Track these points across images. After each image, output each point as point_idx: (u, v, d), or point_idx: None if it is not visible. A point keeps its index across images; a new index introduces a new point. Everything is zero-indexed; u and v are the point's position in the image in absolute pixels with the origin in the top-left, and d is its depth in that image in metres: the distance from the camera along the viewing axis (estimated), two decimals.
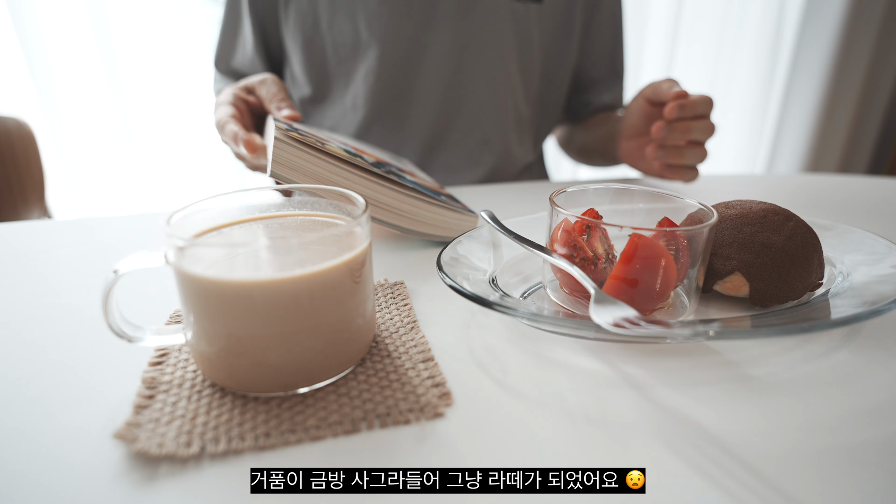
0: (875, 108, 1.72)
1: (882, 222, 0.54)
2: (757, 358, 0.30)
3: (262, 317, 0.24)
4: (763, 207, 0.36)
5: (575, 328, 0.30)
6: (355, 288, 0.27)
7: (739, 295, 0.35)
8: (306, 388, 0.26)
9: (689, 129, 0.57)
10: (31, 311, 0.36)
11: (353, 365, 0.28)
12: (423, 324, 0.34)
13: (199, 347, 0.26)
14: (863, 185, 0.69)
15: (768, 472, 0.22)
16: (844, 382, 0.28)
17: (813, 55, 1.65)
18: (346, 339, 0.27)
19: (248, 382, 0.26)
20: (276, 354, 0.25)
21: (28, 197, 0.93)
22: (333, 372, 0.27)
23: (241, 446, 0.23)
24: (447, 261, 0.34)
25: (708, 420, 0.25)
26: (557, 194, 0.36)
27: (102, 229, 0.52)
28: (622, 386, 0.27)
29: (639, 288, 0.30)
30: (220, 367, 0.26)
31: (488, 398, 0.27)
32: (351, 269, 0.26)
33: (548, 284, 0.36)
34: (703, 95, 0.56)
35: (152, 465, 0.22)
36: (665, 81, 0.60)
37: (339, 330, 0.26)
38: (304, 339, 0.25)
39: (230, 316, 0.24)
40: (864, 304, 0.31)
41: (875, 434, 0.24)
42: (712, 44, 1.65)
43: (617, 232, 0.31)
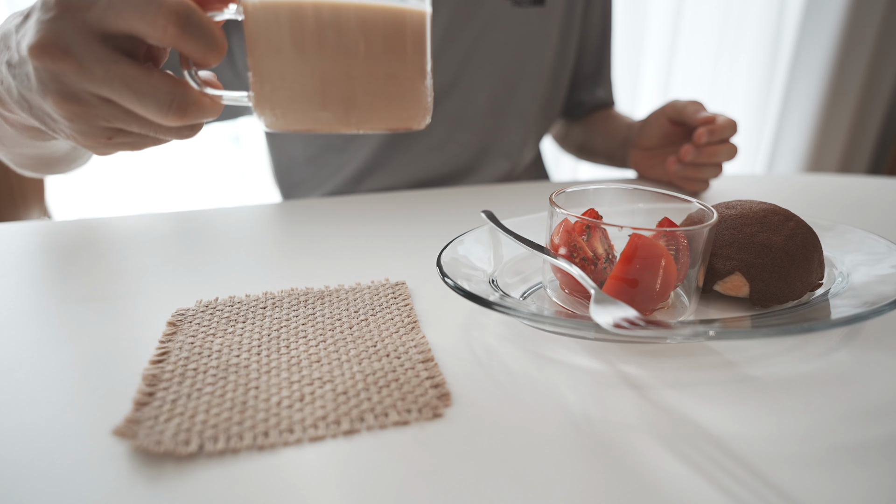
0: (875, 108, 1.72)
1: (882, 222, 0.54)
2: (757, 358, 0.30)
3: (340, 46, 0.27)
4: (763, 207, 0.36)
5: (575, 328, 0.30)
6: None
7: (739, 295, 0.35)
8: (366, 130, 0.29)
9: (717, 153, 0.59)
10: (31, 310, 0.36)
11: (402, 123, 0.31)
12: (424, 324, 0.34)
13: (279, 90, 0.28)
14: (863, 185, 0.69)
15: (768, 472, 0.22)
16: (844, 382, 0.28)
17: (813, 55, 1.65)
18: (407, 89, 0.30)
19: (317, 114, 0.28)
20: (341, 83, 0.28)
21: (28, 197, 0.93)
22: (394, 117, 0.30)
23: (240, 445, 0.23)
24: (447, 261, 0.34)
25: (708, 420, 0.25)
26: (557, 194, 0.36)
27: (102, 229, 0.52)
28: (622, 386, 0.27)
29: (639, 288, 0.30)
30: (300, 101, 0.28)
31: (488, 398, 0.27)
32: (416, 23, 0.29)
33: (548, 284, 0.36)
34: (728, 119, 0.59)
35: (151, 462, 0.22)
36: (691, 104, 0.62)
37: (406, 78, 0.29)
38: (376, 76, 0.28)
39: (320, 45, 0.27)
40: (864, 304, 0.30)
41: (875, 434, 0.24)
42: (712, 44, 1.65)
43: (617, 232, 0.31)
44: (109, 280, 0.40)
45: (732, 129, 0.59)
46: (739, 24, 1.64)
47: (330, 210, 0.58)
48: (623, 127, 0.77)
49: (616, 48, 0.87)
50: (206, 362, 0.29)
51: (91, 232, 0.51)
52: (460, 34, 0.67)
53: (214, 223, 0.54)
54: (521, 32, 0.70)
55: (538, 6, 0.69)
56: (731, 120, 0.59)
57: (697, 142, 0.59)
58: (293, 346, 0.31)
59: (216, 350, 0.30)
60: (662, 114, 0.65)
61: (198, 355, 0.30)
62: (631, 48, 1.60)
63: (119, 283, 0.40)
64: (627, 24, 1.56)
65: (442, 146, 0.72)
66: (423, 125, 0.32)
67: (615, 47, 0.85)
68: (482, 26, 0.67)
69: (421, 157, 0.72)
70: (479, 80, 0.70)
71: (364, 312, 0.35)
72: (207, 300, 0.36)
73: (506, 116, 0.74)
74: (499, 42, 0.69)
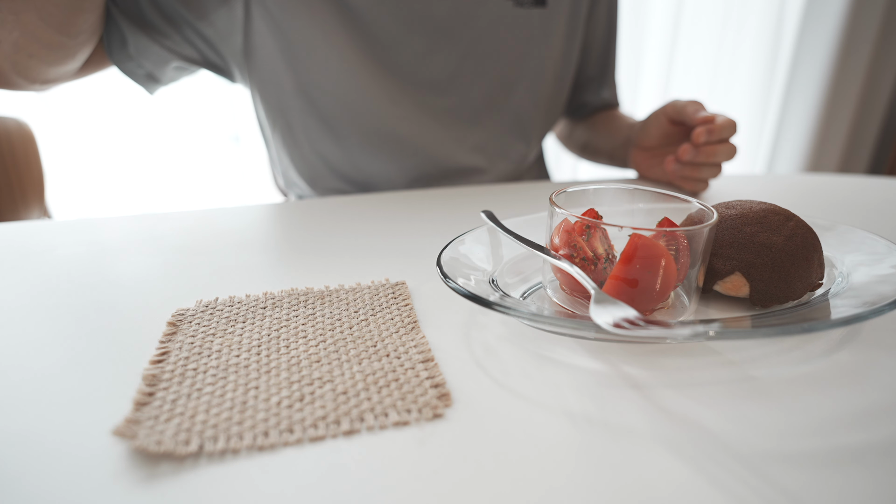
0: (875, 108, 1.72)
1: (882, 222, 0.54)
2: (757, 358, 0.30)
3: None
4: (763, 207, 0.36)
5: (575, 328, 0.30)
6: None
7: (739, 295, 0.35)
8: None
9: (715, 153, 0.59)
10: (31, 311, 0.36)
11: None
12: (424, 324, 0.34)
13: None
14: (863, 185, 0.69)
15: (768, 472, 0.22)
16: (844, 382, 0.28)
17: (813, 55, 1.65)
18: None
19: None
20: None
21: (28, 197, 0.93)
22: None
23: (240, 445, 0.23)
24: (447, 261, 0.34)
25: (708, 420, 0.25)
26: (557, 194, 0.36)
27: (102, 229, 0.52)
28: (622, 386, 0.27)
29: (639, 288, 0.30)
30: None
31: (488, 399, 0.27)
32: None
33: (548, 284, 0.36)
34: (728, 119, 0.59)
35: (151, 462, 0.22)
36: (690, 104, 0.62)
37: None
38: None
39: None
40: (864, 304, 0.30)
41: (875, 434, 0.24)
42: (712, 44, 1.65)
43: (617, 232, 0.31)
44: (109, 280, 0.40)
45: (732, 129, 0.59)
46: (739, 25, 1.64)
47: (330, 210, 0.58)
48: (625, 127, 0.77)
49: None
50: (206, 362, 0.29)
51: (91, 232, 0.51)
52: (460, 32, 0.67)
53: (214, 223, 0.54)
54: (522, 33, 0.70)
55: (540, 7, 0.69)
56: (731, 120, 0.59)
57: (696, 141, 0.59)
58: (293, 346, 0.31)
59: (216, 350, 0.30)
60: (662, 114, 0.66)
61: (198, 355, 0.30)
62: (631, 48, 1.60)
63: (119, 283, 0.40)
64: (628, 24, 1.56)
65: (440, 141, 0.72)
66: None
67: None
68: (483, 25, 0.67)
69: (417, 151, 0.72)
70: (476, 79, 0.70)
71: (364, 312, 0.35)
72: (207, 300, 0.36)
73: (504, 116, 0.74)
74: (499, 42, 0.69)
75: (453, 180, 0.75)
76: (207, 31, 0.62)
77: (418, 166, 0.73)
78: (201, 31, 0.62)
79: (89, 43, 0.57)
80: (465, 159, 0.74)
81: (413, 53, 0.67)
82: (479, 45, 0.68)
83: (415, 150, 0.72)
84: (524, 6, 0.69)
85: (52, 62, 0.55)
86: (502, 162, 0.77)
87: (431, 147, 0.72)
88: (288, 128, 0.71)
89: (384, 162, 0.72)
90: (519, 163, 0.79)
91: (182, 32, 0.62)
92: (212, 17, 0.61)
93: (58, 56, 0.55)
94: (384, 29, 0.65)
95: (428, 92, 0.69)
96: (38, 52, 0.53)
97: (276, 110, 0.69)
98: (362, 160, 0.71)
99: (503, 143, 0.76)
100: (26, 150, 0.93)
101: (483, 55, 0.69)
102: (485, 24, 0.67)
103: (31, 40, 0.51)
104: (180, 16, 0.60)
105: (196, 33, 0.62)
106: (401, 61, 0.67)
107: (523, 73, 0.72)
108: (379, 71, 0.66)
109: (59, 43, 0.53)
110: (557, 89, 0.77)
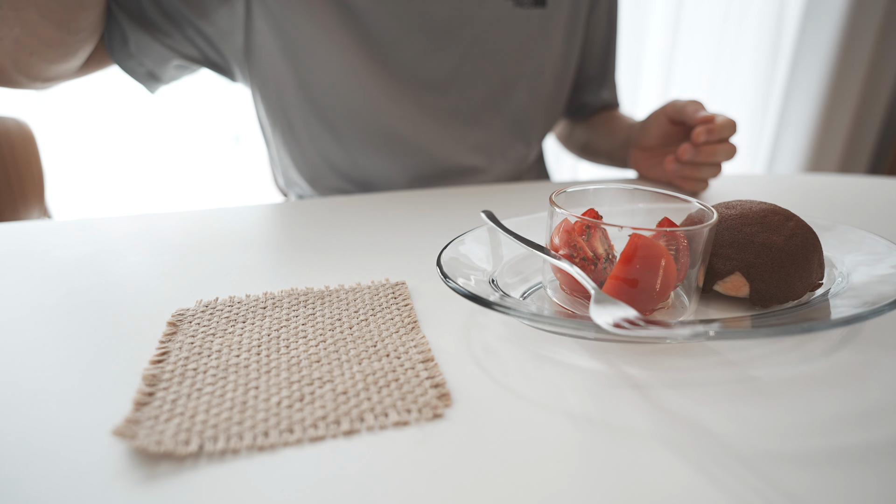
0: (875, 108, 1.72)
1: (882, 222, 0.54)
2: (757, 358, 0.30)
3: None
4: (763, 207, 0.36)
5: (575, 328, 0.30)
6: None
7: (739, 295, 0.35)
8: None
9: (715, 152, 0.59)
10: (31, 311, 0.36)
11: None
12: (424, 324, 0.34)
13: None
14: (863, 185, 0.69)
15: (768, 472, 0.22)
16: (844, 382, 0.28)
17: (813, 55, 1.65)
18: None
19: None
20: None
21: (28, 197, 0.93)
22: None
23: (240, 445, 0.23)
24: (447, 261, 0.34)
25: (708, 420, 0.25)
26: (557, 194, 0.36)
27: (102, 229, 0.52)
28: (622, 386, 0.27)
29: (639, 288, 0.30)
30: None
31: (488, 399, 0.27)
32: None
33: (548, 284, 0.36)
34: (727, 119, 0.59)
35: (151, 462, 0.22)
36: (690, 104, 0.62)
37: None
38: None
39: None
40: (864, 304, 0.30)
41: (875, 434, 0.24)
42: (712, 44, 1.65)
43: (617, 232, 0.31)
44: (109, 280, 0.40)
45: (731, 128, 0.59)
46: (739, 24, 1.64)
47: (330, 210, 0.58)
48: (625, 127, 0.77)
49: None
50: (206, 362, 0.29)
51: (91, 232, 0.51)
52: (461, 32, 0.67)
53: (214, 223, 0.54)
54: (522, 33, 0.70)
55: (540, 7, 0.69)
56: (731, 120, 0.59)
57: (695, 140, 0.59)
58: (293, 346, 0.31)
59: (216, 350, 0.30)
60: (662, 113, 0.66)
61: (198, 355, 0.30)
62: (631, 47, 1.60)
63: (119, 283, 0.40)
64: (628, 24, 1.56)
65: (440, 141, 0.72)
66: None
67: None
68: (483, 26, 0.67)
69: (418, 151, 0.72)
70: (476, 79, 0.70)
71: (364, 312, 0.35)
72: (207, 300, 0.36)
73: (504, 116, 0.74)
74: (499, 42, 0.69)
75: (453, 180, 0.75)
76: (208, 30, 0.62)
77: (418, 166, 0.73)
78: (202, 30, 0.62)
79: (90, 40, 0.57)
80: (465, 159, 0.74)
81: (413, 53, 0.67)
82: (479, 45, 0.68)
83: (415, 149, 0.71)
84: (524, 6, 0.69)
85: (53, 59, 0.55)
86: (502, 162, 0.77)
87: (431, 147, 0.72)
88: (288, 127, 0.71)
89: (384, 161, 0.72)
90: (519, 163, 0.79)
91: (183, 31, 0.62)
92: (213, 15, 0.61)
93: (59, 53, 0.55)
94: (385, 28, 0.65)
95: (428, 92, 0.69)
96: (39, 50, 0.53)
97: (277, 109, 0.70)
98: (362, 159, 0.71)
99: (503, 143, 0.76)
100: (26, 150, 0.93)
101: (483, 55, 0.69)
102: (485, 24, 0.67)
103: (32, 37, 0.51)
104: (181, 14, 0.60)
105: (197, 32, 0.62)
106: (401, 61, 0.67)
107: (523, 73, 0.72)
108: (379, 70, 0.66)
109: (60, 40, 0.53)
110: (557, 90, 0.77)
